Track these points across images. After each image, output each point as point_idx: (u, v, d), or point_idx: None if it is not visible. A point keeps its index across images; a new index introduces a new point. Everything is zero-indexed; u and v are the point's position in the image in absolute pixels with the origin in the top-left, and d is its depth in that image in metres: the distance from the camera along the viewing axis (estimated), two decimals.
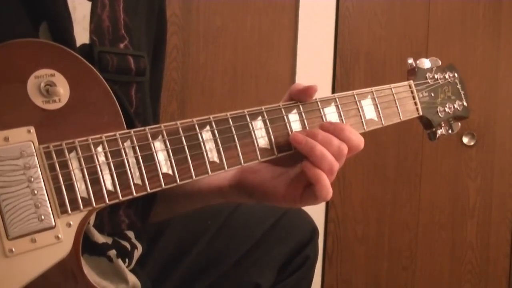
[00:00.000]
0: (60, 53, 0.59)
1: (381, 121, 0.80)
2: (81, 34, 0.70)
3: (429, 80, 0.90)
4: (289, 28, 2.04)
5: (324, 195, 0.68)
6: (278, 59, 2.04)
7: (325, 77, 2.08)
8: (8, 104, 0.56)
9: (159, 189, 0.62)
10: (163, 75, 0.89)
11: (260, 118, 0.70)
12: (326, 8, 2.08)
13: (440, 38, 2.19)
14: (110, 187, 0.59)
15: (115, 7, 0.74)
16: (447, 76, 0.92)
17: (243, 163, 0.68)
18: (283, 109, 0.71)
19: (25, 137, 0.56)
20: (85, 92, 0.60)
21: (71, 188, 0.57)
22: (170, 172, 0.63)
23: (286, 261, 0.99)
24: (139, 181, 0.61)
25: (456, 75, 0.94)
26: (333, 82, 2.10)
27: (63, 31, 0.66)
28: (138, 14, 0.79)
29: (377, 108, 0.79)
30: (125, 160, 0.60)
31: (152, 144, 0.62)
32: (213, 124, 0.66)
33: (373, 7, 2.14)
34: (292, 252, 1.00)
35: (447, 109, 0.92)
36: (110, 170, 0.59)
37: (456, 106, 0.93)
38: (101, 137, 0.59)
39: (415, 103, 0.86)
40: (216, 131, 0.66)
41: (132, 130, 0.61)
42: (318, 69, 2.07)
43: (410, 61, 0.89)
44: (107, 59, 0.71)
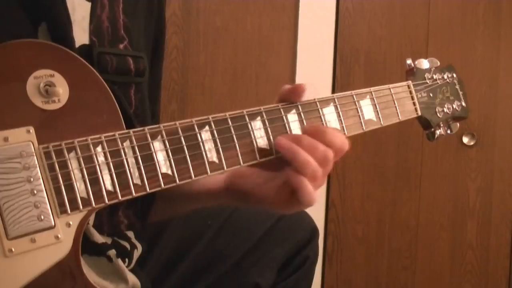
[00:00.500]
0: (59, 54, 0.59)
1: (380, 121, 0.80)
2: (80, 35, 0.70)
3: (427, 81, 0.90)
4: (289, 28, 2.04)
5: (307, 201, 0.67)
6: (278, 59, 2.03)
7: (325, 77, 2.08)
8: (7, 105, 0.56)
9: (158, 189, 0.62)
10: (162, 75, 0.89)
11: (259, 118, 0.70)
12: (326, 8, 2.08)
13: (440, 38, 2.19)
14: (110, 187, 0.59)
15: (114, 8, 0.74)
16: (445, 77, 0.92)
17: (242, 163, 0.68)
18: (282, 109, 0.71)
19: (24, 137, 0.56)
20: (84, 92, 0.60)
21: (70, 188, 0.57)
22: (170, 172, 0.63)
23: (286, 261, 0.99)
24: (138, 181, 0.61)
25: (455, 75, 0.94)
26: (333, 82, 2.10)
27: (62, 31, 0.66)
28: (137, 14, 0.79)
29: (376, 108, 0.80)
30: (125, 160, 0.60)
31: (151, 144, 0.62)
32: (212, 124, 0.66)
33: (373, 7, 2.14)
34: (292, 252, 1.00)
35: (445, 110, 0.92)
36: (110, 170, 0.59)
37: (454, 106, 0.93)
38: (100, 137, 0.59)
39: (414, 104, 0.86)
40: (215, 131, 0.66)
41: (131, 130, 0.61)
42: (318, 69, 2.07)
43: (409, 61, 0.89)
44: (106, 60, 0.71)
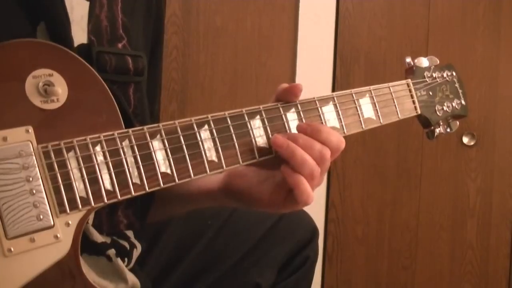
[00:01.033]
0: (58, 53, 0.59)
1: (380, 120, 0.80)
2: (79, 34, 0.70)
3: (427, 79, 0.90)
4: (289, 28, 2.04)
5: (304, 200, 0.67)
6: (278, 59, 2.03)
7: (325, 77, 2.08)
8: (6, 104, 0.56)
9: (157, 188, 0.62)
10: (161, 74, 0.89)
11: (258, 117, 0.69)
12: (326, 8, 2.08)
13: (440, 38, 2.19)
14: (109, 187, 0.59)
15: (113, 7, 0.74)
16: (445, 75, 0.92)
17: (241, 162, 0.68)
18: (281, 108, 0.71)
19: (23, 137, 0.56)
20: (83, 91, 0.60)
21: (69, 187, 0.57)
22: (169, 171, 0.63)
23: (286, 261, 0.99)
24: (137, 181, 0.61)
25: (454, 74, 0.94)
26: (333, 82, 2.10)
27: (60, 31, 0.65)
28: (136, 13, 0.79)
29: (375, 106, 0.79)
30: (124, 160, 0.60)
31: (150, 143, 0.62)
32: (211, 123, 0.66)
33: (373, 7, 2.14)
34: (292, 252, 1.00)
35: (445, 108, 0.92)
36: (109, 169, 0.59)
37: (454, 104, 0.93)
38: (99, 137, 0.59)
39: (413, 102, 0.86)
40: (215, 130, 0.66)
41: (130, 130, 0.61)
42: (318, 69, 2.07)
43: (408, 60, 0.89)
44: (105, 59, 0.71)
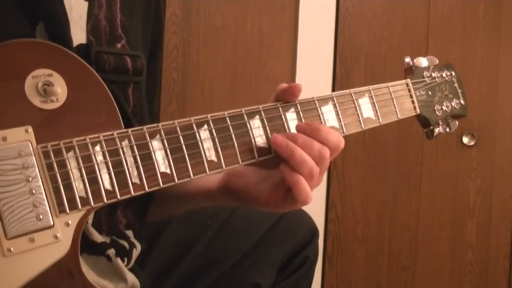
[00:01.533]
0: (57, 53, 0.59)
1: (379, 119, 0.80)
2: (78, 34, 0.70)
3: (426, 79, 0.90)
4: (289, 28, 2.04)
5: (303, 199, 0.67)
6: (278, 59, 2.03)
7: (325, 77, 2.08)
8: (6, 104, 0.56)
9: (157, 188, 0.62)
10: (160, 74, 0.89)
11: (257, 117, 0.70)
12: (326, 8, 2.08)
13: (440, 38, 2.19)
14: (108, 186, 0.59)
15: (112, 6, 0.74)
16: (444, 75, 0.93)
17: (240, 162, 0.68)
18: (280, 108, 0.71)
19: (23, 137, 0.56)
20: (82, 91, 0.60)
21: (69, 187, 0.57)
22: (168, 171, 0.63)
23: (286, 261, 0.99)
24: (137, 180, 0.61)
25: (454, 73, 0.94)
26: (333, 82, 2.10)
27: (59, 31, 0.65)
28: (135, 13, 0.79)
29: (375, 106, 0.79)
30: (123, 159, 0.60)
31: (150, 143, 0.62)
32: (211, 123, 0.66)
33: (373, 7, 2.14)
34: (292, 252, 0.99)
35: (444, 108, 0.92)
36: (108, 169, 0.59)
37: (453, 104, 0.93)
38: (99, 137, 0.59)
39: (413, 102, 0.86)
40: (214, 130, 0.66)
41: (129, 130, 0.61)
42: (318, 69, 2.07)
43: (407, 59, 0.89)
44: (104, 59, 0.71)
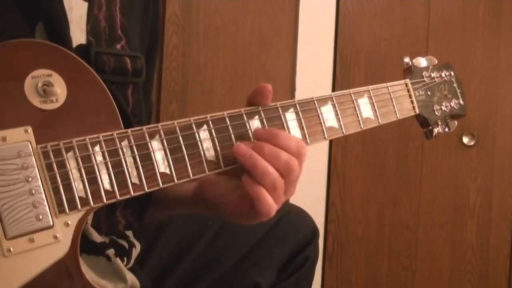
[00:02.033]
0: (57, 53, 0.59)
1: (378, 119, 0.80)
2: (77, 35, 0.70)
3: (425, 79, 0.90)
4: (289, 28, 2.04)
5: (264, 211, 0.65)
6: (278, 59, 2.03)
7: (325, 77, 2.08)
8: (5, 104, 0.56)
9: (156, 188, 0.62)
10: (154, 75, 0.89)
11: (257, 117, 0.70)
12: (326, 8, 2.08)
13: (440, 38, 2.19)
14: (108, 187, 0.59)
15: (111, 7, 0.74)
16: (443, 75, 0.93)
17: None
18: (280, 108, 0.71)
19: (22, 137, 0.56)
20: (82, 92, 0.60)
21: (68, 187, 0.57)
22: (168, 172, 0.63)
23: (286, 262, 0.99)
24: (136, 181, 0.61)
25: (453, 73, 0.94)
26: (333, 82, 2.10)
27: (59, 31, 0.65)
28: (134, 14, 0.79)
29: (374, 106, 0.80)
30: (123, 160, 0.60)
31: (149, 144, 0.62)
32: (210, 123, 0.66)
33: (373, 7, 2.14)
34: (292, 252, 0.99)
35: (443, 108, 0.92)
36: (108, 169, 0.59)
37: (452, 104, 0.93)
38: (98, 137, 0.59)
39: (412, 102, 0.86)
40: (213, 130, 0.66)
41: (129, 130, 0.61)
42: (318, 69, 2.07)
43: (407, 60, 0.89)
44: (103, 59, 0.71)
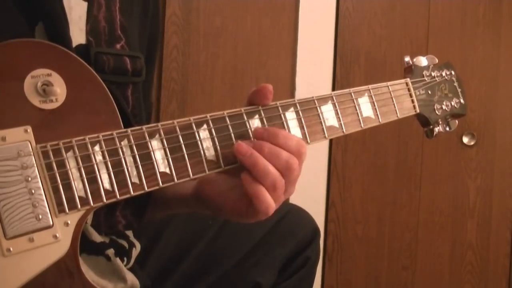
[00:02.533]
0: (56, 53, 0.59)
1: (378, 119, 0.80)
2: (77, 35, 0.70)
3: (426, 78, 0.90)
4: (289, 28, 2.04)
5: (263, 210, 0.65)
6: (278, 59, 2.03)
7: (325, 77, 2.08)
8: (5, 104, 0.56)
9: (156, 187, 0.62)
10: (154, 75, 0.89)
11: (257, 116, 0.70)
12: (326, 8, 2.08)
13: (440, 38, 2.19)
14: (108, 186, 0.59)
15: (111, 7, 0.74)
16: (444, 74, 0.93)
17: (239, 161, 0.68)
18: (280, 108, 0.71)
19: (22, 136, 0.56)
20: (82, 91, 0.60)
21: (68, 187, 0.57)
22: (168, 171, 0.63)
23: (287, 262, 0.99)
24: (136, 180, 0.61)
25: (453, 72, 0.94)
26: (333, 82, 2.10)
27: (59, 31, 0.65)
28: (133, 14, 0.79)
29: (374, 106, 0.79)
30: (123, 159, 0.60)
31: (149, 143, 0.62)
32: (210, 122, 0.66)
33: (373, 7, 2.14)
34: (293, 252, 0.99)
35: (444, 107, 0.92)
36: (108, 169, 0.59)
37: (453, 103, 0.93)
38: (98, 136, 0.59)
39: (412, 101, 0.86)
40: (213, 130, 0.66)
41: (129, 129, 0.61)
42: (318, 69, 2.07)
43: (407, 59, 0.89)
44: (103, 59, 0.70)
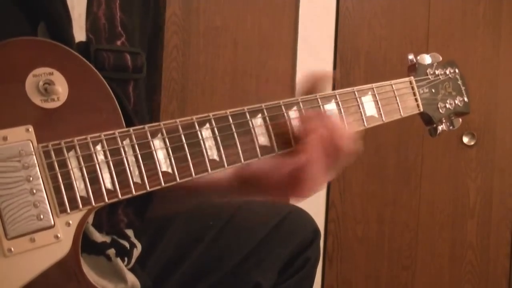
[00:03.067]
0: (58, 52, 0.59)
1: (382, 117, 0.80)
2: (77, 32, 0.69)
3: (429, 76, 0.89)
4: (289, 28, 2.04)
5: (308, 186, 0.69)
6: (278, 59, 2.03)
7: None
8: (6, 103, 0.56)
9: (158, 187, 0.62)
10: (160, 72, 0.89)
11: (260, 115, 0.69)
12: (326, 8, 2.08)
13: (440, 38, 2.19)
14: (109, 186, 0.59)
15: (111, 4, 0.74)
16: (447, 72, 0.92)
17: (243, 160, 0.68)
18: (283, 106, 0.71)
19: (23, 136, 0.56)
20: (83, 90, 0.60)
21: (70, 187, 0.57)
22: (170, 171, 0.62)
23: (288, 262, 0.99)
24: (138, 180, 0.61)
25: (457, 70, 0.94)
26: (333, 82, 2.09)
27: (61, 30, 0.65)
28: (134, 11, 0.78)
29: (378, 104, 0.79)
30: (124, 159, 0.60)
31: (151, 142, 0.62)
32: (213, 121, 0.66)
33: (373, 7, 2.14)
34: (293, 253, 0.99)
35: (447, 105, 0.91)
36: (109, 168, 0.59)
37: (457, 102, 0.93)
38: (100, 136, 0.59)
39: (416, 99, 0.86)
40: (216, 129, 0.66)
41: (131, 128, 0.61)
42: (318, 69, 2.06)
43: (411, 57, 0.89)
44: (103, 56, 0.70)
